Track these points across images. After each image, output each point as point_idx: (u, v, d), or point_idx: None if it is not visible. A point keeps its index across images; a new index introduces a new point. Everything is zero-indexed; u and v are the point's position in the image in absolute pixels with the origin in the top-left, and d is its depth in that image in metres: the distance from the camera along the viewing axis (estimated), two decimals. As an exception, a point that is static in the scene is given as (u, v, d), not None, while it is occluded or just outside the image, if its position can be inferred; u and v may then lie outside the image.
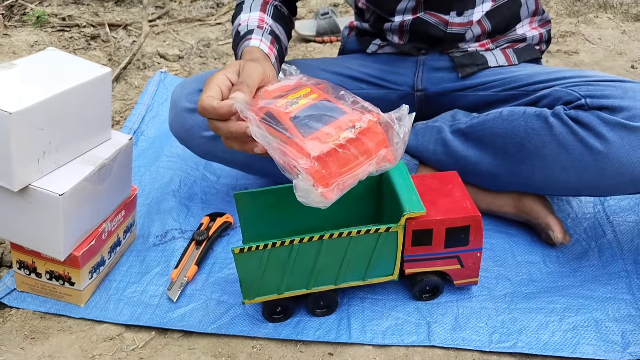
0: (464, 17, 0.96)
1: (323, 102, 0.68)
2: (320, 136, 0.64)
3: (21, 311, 0.86)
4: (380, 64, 1.05)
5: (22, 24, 1.77)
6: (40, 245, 0.82)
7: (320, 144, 0.63)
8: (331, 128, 0.65)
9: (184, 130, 0.97)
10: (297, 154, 0.63)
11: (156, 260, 0.95)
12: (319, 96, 0.70)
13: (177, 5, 1.99)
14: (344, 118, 0.66)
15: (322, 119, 0.66)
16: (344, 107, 0.68)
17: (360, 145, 0.65)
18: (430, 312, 0.83)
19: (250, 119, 0.66)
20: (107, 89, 0.86)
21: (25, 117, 0.73)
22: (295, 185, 0.63)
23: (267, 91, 0.73)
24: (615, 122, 0.79)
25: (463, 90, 1.00)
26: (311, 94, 0.70)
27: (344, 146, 0.64)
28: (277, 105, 0.68)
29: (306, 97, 0.69)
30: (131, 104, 1.43)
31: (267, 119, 0.66)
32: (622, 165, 0.79)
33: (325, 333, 0.80)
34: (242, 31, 0.89)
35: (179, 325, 0.82)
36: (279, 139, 0.64)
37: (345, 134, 0.64)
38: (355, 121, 0.66)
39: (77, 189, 0.80)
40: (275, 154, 0.64)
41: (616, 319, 0.81)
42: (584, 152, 0.81)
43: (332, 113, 0.67)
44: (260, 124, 0.66)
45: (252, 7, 0.92)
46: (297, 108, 0.67)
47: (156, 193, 1.10)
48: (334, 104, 0.68)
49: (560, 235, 0.91)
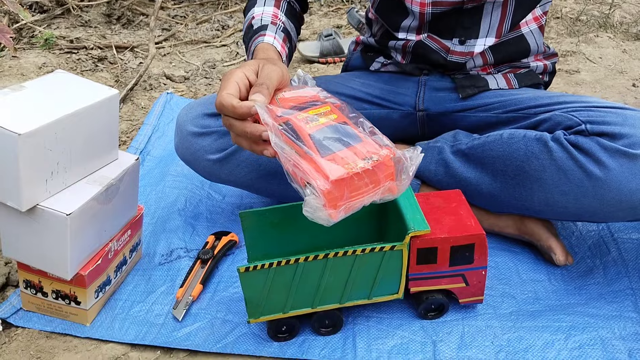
0: (465, 47, 0.96)
1: (342, 126, 0.70)
2: (337, 159, 0.66)
3: (27, 331, 0.86)
4: (382, 84, 1.05)
5: (30, 46, 1.80)
6: (47, 264, 0.83)
7: (338, 168, 0.65)
8: (348, 153, 0.67)
9: (189, 153, 0.98)
10: (315, 172, 0.65)
11: (162, 279, 0.95)
12: (338, 118, 0.71)
13: (183, 27, 2.02)
14: (361, 147, 0.68)
15: (340, 142, 0.68)
16: (361, 135, 0.69)
17: (372, 175, 0.67)
18: (436, 331, 0.83)
19: (269, 126, 0.68)
20: (115, 111, 0.87)
21: (34, 139, 0.74)
22: (306, 201, 0.64)
23: (284, 98, 0.74)
24: (615, 149, 0.79)
25: (464, 111, 1.00)
26: (331, 114, 0.71)
27: (359, 175, 0.65)
28: (298, 119, 0.69)
29: (326, 117, 0.70)
30: (137, 124, 1.45)
31: (287, 130, 0.68)
32: (620, 193, 0.78)
33: (330, 352, 0.80)
34: (255, 25, 0.89)
35: (184, 345, 0.82)
36: (294, 151, 0.66)
37: (362, 163, 0.66)
38: (373, 153, 0.67)
39: (84, 209, 0.81)
40: (288, 164, 0.66)
41: (622, 337, 0.80)
42: (583, 177, 0.81)
43: (349, 139, 0.68)
44: (278, 132, 0.67)
45: (266, 1, 0.93)
46: (317, 126, 0.69)
47: (162, 212, 1.10)
48: (352, 130, 0.70)
49: (562, 257, 0.91)
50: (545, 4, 1.00)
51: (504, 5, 0.93)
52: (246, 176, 0.98)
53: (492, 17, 0.94)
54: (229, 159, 0.97)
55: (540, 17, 1.00)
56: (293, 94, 0.75)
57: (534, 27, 0.99)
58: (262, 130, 0.68)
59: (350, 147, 0.68)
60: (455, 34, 0.96)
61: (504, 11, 0.93)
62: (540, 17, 1.00)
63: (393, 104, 1.04)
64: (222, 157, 0.96)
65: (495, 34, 0.95)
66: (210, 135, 0.96)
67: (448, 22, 0.94)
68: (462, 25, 0.94)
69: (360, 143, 0.68)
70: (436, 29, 0.97)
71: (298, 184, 0.66)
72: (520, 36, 0.99)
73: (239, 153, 0.96)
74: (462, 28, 0.95)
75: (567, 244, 0.99)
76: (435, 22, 0.96)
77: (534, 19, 0.99)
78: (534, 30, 1.00)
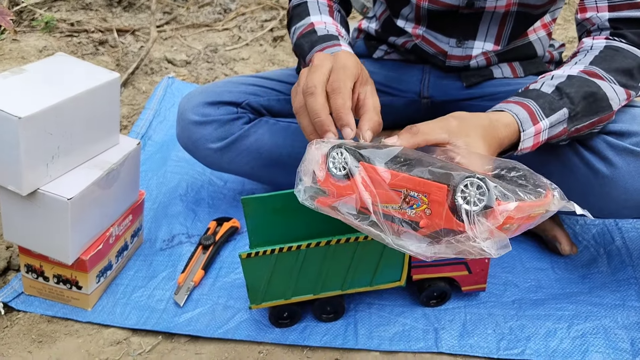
0: (463, 50, 0.95)
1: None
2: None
3: (29, 315, 0.86)
4: (386, 71, 1.04)
5: (31, 29, 1.78)
6: (48, 249, 0.83)
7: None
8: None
9: (191, 142, 0.98)
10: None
11: (163, 264, 0.95)
12: (432, 214, 0.56)
13: (185, 11, 2.00)
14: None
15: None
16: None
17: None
18: (438, 319, 0.82)
19: (368, 206, 0.58)
20: (116, 94, 0.86)
21: (35, 122, 0.74)
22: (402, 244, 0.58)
23: (395, 174, 0.58)
24: (623, 147, 0.77)
25: (469, 99, 0.99)
26: (427, 207, 0.56)
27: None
28: (393, 210, 0.58)
29: (422, 209, 0.57)
30: (139, 108, 1.44)
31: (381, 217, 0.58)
32: (627, 191, 0.77)
33: (332, 339, 0.80)
34: (320, 32, 0.84)
35: (185, 330, 0.82)
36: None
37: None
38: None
39: (85, 194, 0.80)
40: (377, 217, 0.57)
41: (625, 326, 0.80)
42: (589, 174, 0.80)
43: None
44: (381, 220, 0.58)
45: (320, 10, 0.90)
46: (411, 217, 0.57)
47: (163, 197, 1.10)
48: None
49: (567, 247, 0.91)
50: (554, 11, 0.98)
51: (503, 17, 0.91)
52: (247, 165, 0.97)
53: (489, 26, 0.93)
54: (229, 148, 0.96)
55: (549, 24, 0.99)
56: (391, 166, 0.59)
57: (542, 34, 0.98)
58: (328, 133, 0.64)
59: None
60: (453, 33, 0.94)
61: (502, 22, 0.92)
62: (549, 24, 0.99)
63: (397, 91, 1.03)
64: (223, 145, 0.96)
65: (494, 40, 0.94)
66: (211, 124, 0.96)
67: (446, 21, 0.93)
68: (460, 25, 0.93)
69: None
70: (434, 26, 0.95)
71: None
72: (528, 43, 0.98)
73: (239, 142, 0.96)
74: (459, 28, 0.94)
75: (571, 232, 0.99)
76: (432, 19, 0.94)
77: (542, 26, 0.98)
78: (542, 37, 0.98)
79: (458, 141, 0.63)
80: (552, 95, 0.72)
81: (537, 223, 0.57)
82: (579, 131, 0.75)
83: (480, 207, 0.52)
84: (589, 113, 0.74)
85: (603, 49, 0.77)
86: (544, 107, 0.71)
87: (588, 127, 0.75)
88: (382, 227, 0.58)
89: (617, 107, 0.76)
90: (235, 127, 0.96)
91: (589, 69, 0.75)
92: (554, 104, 0.71)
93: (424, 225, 0.56)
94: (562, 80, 0.73)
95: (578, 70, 0.75)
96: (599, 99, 0.73)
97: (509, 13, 0.91)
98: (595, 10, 0.81)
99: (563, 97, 0.72)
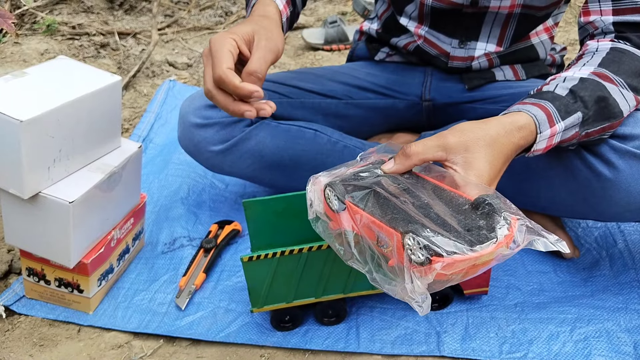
0: (465, 50, 0.95)
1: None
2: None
3: (30, 318, 0.86)
4: (388, 73, 1.04)
5: (32, 33, 1.78)
6: (49, 252, 0.83)
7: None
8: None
9: (192, 144, 0.98)
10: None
11: (164, 267, 0.95)
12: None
13: (186, 14, 2.00)
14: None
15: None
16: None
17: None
18: (440, 322, 0.82)
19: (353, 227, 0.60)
20: (117, 97, 0.86)
21: (36, 125, 0.74)
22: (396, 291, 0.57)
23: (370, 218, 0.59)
24: (625, 151, 0.77)
25: (471, 102, 0.99)
26: (392, 249, 0.57)
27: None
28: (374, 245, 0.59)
29: (389, 250, 0.57)
30: (140, 111, 1.44)
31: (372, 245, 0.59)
32: (629, 194, 0.77)
33: (333, 342, 0.80)
34: None
35: (187, 334, 0.82)
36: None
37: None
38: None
39: (86, 197, 0.80)
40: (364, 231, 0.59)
41: (628, 329, 0.80)
42: (591, 177, 0.79)
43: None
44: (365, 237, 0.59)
45: None
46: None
47: (165, 201, 1.10)
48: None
49: (568, 250, 0.90)
50: (557, 15, 0.98)
51: (507, 18, 0.91)
52: (249, 167, 0.97)
53: (492, 27, 0.93)
54: (231, 150, 0.96)
55: (552, 27, 0.99)
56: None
57: (544, 37, 0.98)
58: (246, 110, 0.68)
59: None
60: (455, 33, 0.94)
61: (505, 23, 0.92)
62: (552, 28, 0.99)
63: (399, 94, 1.03)
64: (225, 148, 0.96)
65: (497, 41, 0.94)
66: (213, 127, 0.96)
67: (449, 20, 0.93)
68: (463, 24, 0.93)
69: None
70: (437, 25, 0.95)
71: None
72: (530, 46, 0.98)
73: (241, 144, 0.96)
74: (462, 28, 0.94)
75: (574, 235, 0.98)
76: (435, 18, 0.94)
77: (544, 29, 0.98)
78: (544, 40, 0.98)
79: (456, 157, 0.63)
80: (567, 97, 0.71)
81: (488, 267, 0.56)
82: (589, 136, 0.74)
83: (422, 260, 0.53)
84: (600, 118, 0.73)
85: (609, 51, 0.77)
86: (560, 109, 0.69)
87: (598, 132, 0.74)
88: (362, 262, 0.60)
89: (627, 114, 0.75)
90: (236, 129, 0.96)
91: (599, 71, 0.74)
92: (569, 107, 0.70)
93: (391, 265, 0.57)
94: (575, 83, 0.72)
95: (588, 72, 0.74)
96: (610, 104, 0.72)
97: (512, 14, 0.91)
98: (599, 13, 0.80)
99: (577, 101, 0.71)
